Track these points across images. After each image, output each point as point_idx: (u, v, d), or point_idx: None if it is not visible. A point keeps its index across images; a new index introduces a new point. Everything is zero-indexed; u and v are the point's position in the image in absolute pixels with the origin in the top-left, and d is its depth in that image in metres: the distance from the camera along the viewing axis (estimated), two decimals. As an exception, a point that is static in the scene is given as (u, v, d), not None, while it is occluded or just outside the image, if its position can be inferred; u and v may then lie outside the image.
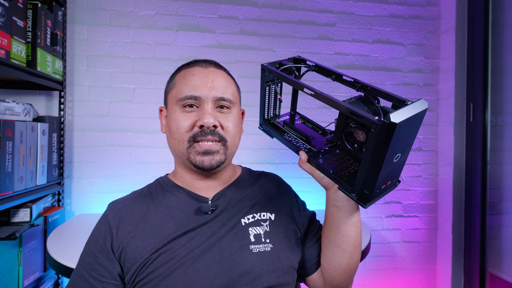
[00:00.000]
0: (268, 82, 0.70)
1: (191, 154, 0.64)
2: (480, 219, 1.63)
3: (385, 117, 0.45)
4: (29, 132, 1.20)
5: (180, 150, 0.65)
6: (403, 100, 0.52)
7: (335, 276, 0.68)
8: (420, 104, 0.49)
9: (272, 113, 0.75)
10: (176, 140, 0.65)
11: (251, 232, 0.64)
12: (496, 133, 1.63)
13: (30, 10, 1.20)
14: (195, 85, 0.64)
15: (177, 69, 0.72)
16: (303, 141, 0.68)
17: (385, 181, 0.55)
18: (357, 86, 0.60)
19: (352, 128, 0.59)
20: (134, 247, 0.60)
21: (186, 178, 0.69)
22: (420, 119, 0.50)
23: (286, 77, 0.63)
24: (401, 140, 0.49)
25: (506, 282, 1.54)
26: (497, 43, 1.62)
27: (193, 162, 0.64)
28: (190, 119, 0.64)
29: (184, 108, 0.65)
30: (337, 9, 1.75)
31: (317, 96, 0.56)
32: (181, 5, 1.62)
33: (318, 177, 0.63)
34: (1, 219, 1.22)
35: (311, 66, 0.69)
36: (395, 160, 0.52)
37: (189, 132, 0.63)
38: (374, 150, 0.48)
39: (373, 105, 0.56)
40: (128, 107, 1.57)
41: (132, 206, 0.66)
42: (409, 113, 0.47)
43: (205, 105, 0.64)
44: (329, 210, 0.66)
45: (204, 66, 0.68)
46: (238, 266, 0.60)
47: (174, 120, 0.65)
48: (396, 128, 0.45)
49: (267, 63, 0.67)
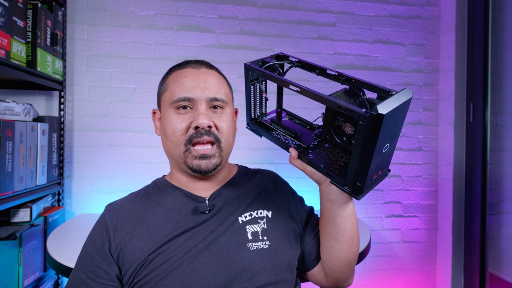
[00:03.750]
0: (252, 81, 0.70)
1: (187, 158, 0.64)
2: (480, 219, 1.63)
3: (372, 109, 0.45)
4: (29, 132, 1.20)
5: (176, 154, 0.65)
6: (388, 91, 0.53)
7: (336, 269, 0.68)
8: (405, 93, 0.50)
9: (258, 111, 0.75)
10: (172, 143, 0.65)
11: (248, 230, 0.64)
12: (496, 133, 1.62)
13: (30, 10, 1.20)
14: (187, 87, 0.64)
15: (168, 71, 0.71)
16: (292, 137, 0.68)
17: (376, 171, 0.55)
18: (341, 79, 0.60)
19: (340, 122, 0.59)
20: (131, 248, 0.60)
21: (182, 179, 0.69)
22: (406, 108, 0.51)
23: (270, 75, 0.63)
24: (389, 130, 0.49)
25: (506, 282, 1.54)
26: (497, 43, 1.62)
27: (190, 166, 0.64)
28: (185, 121, 0.63)
29: (178, 110, 0.65)
30: (337, 9, 1.75)
31: (303, 92, 0.56)
32: (181, 5, 1.62)
33: (310, 173, 0.63)
34: (1, 219, 1.22)
35: (294, 62, 0.68)
36: (384, 150, 0.52)
37: (185, 135, 0.63)
38: (364, 142, 0.49)
39: (358, 97, 0.57)
40: (128, 107, 1.57)
41: (129, 207, 0.66)
42: (395, 103, 0.47)
43: (198, 106, 0.64)
44: (323, 205, 0.66)
45: (196, 67, 0.68)
46: (236, 264, 0.60)
47: (169, 123, 0.65)
48: (383, 119, 0.45)
49: (250, 62, 0.67)
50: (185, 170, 0.66)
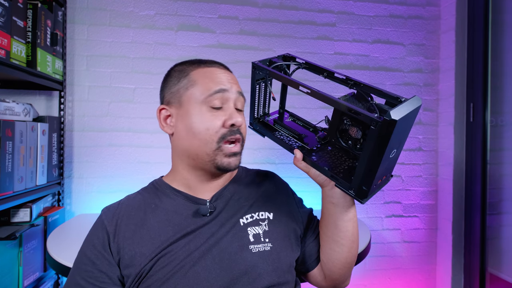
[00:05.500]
0: (258, 80, 0.69)
1: (218, 156, 0.63)
2: (480, 219, 1.63)
3: (386, 114, 0.46)
4: (29, 132, 1.19)
5: (205, 151, 0.63)
6: (397, 97, 0.53)
7: (335, 271, 0.68)
8: (415, 100, 0.51)
9: (262, 111, 0.75)
10: (203, 140, 0.62)
11: (250, 232, 0.64)
12: (496, 133, 1.62)
13: (30, 10, 1.20)
14: (221, 81, 0.65)
15: (185, 66, 0.68)
16: (296, 139, 0.68)
17: (381, 176, 0.55)
18: (349, 83, 0.60)
19: (346, 125, 0.59)
20: (133, 254, 0.59)
21: (188, 180, 0.68)
22: (414, 115, 0.52)
23: (279, 75, 0.62)
24: (398, 136, 0.50)
25: (506, 282, 1.54)
26: (497, 43, 1.62)
27: (219, 164, 0.63)
28: (219, 119, 0.63)
29: (211, 108, 0.63)
30: (337, 9, 1.75)
31: (314, 94, 0.55)
32: (181, 5, 1.62)
33: (314, 175, 0.63)
34: (1, 219, 1.22)
35: (301, 64, 0.68)
36: (391, 155, 0.53)
37: (219, 132, 0.63)
38: (374, 147, 0.49)
39: (367, 102, 0.57)
40: (128, 107, 1.57)
41: (128, 211, 0.65)
42: (407, 110, 0.48)
43: (230, 104, 0.65)
44: (326, 207, 0.66)
45: (221, 68, 0.69)
46: (238, 267, 0.59)
47: (201, 120, 0.62)
48: (396, 125, 0.46)
49: (258, 61, 0.67)
50: (208, 168, 0.65)
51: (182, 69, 0.68)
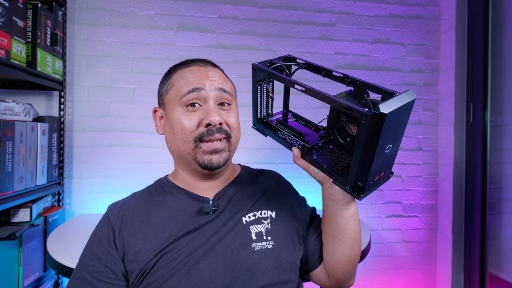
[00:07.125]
0: (259, 81, 0.70)
1: (197, 154, 0.63)
2: (480, 219, 1.63)
3: (375, 108, 0.46)
4: (29, 132, 1.19)
5: (185, 151, 0.64)
6: (392, 92, 0.53)
7: (338, 269, 0.68)
8: (408, 94, 0.50)
9: (265, 112, 0.76)
10: (181, 140, 0.63)
11: (252, 230, 0.64)
12: (496, 133, 1.63)
13: (30, 10, 1.20)
14: (195, 81, 0.64)
15: (170, 69, 0.70)
16: (297, 138, 0.69)
17: (378, 172, 0.55)
18: (346, 81, 0.61)
19: (344, 122, 0.60)
20: (137, 250, 0.60)
21: (187, 179, 0.69)
22: (409, 110, 0.52)
23: (277, 75, 0.63)
24: (391, 130, 0.50)
25: (506, 282, 1.54)
26: (497, 43, 1.62)
27: (200, 162, 0.63)
28: (195, 118, 0.63)
29: (186, 107, 0.64)
30: (337, 9, 1.75)
31: (308, 92, 0.56)
32: (181, 5, 1.62)
33: (313, 172, 0.63)
34: (1, 219, 1.22)
35: (301, 64, 0.69)
36: (386, 151, 0.53)
37: (195, 132, 0.63)
38: (366, 141, 0.49)
39: (363, 99, 0.57)
40: (128, 107, 1.57)
41: (133, 208, 0.66)
42: (398, 104, 0.48)
43: (209, 102, 0.64)
44: (326, 205, 0.66)
45: (201, 65, 0.68)
46: (241, 264, 0.60)
47: (177, 120, 0.64)
48: (385, 119, 0.46)
49: (258, 63, 0.67)
50: (194, 167, 0.65)
51: (168, 72, 0.71)
